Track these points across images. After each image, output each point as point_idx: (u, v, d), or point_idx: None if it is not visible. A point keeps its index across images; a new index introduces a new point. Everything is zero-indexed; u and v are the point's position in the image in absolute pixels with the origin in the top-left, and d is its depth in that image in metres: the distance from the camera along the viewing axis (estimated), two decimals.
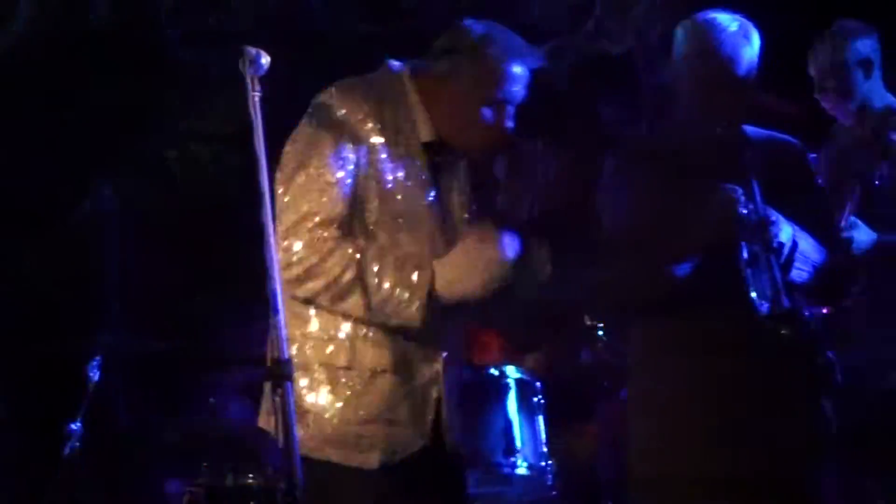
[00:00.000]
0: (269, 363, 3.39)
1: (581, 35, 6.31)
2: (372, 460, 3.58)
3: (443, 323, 3.69)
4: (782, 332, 3.44)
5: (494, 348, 5.52)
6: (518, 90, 3.82)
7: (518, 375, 4.86)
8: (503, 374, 4.82)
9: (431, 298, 3.58)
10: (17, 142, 5.48)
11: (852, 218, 4.93)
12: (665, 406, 3.78)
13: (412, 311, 3.58)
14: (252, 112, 3.37)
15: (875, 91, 5.18)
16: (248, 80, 3.45)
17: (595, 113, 6.26)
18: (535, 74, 5.95)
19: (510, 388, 4.79)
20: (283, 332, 3.38)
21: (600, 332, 5.27)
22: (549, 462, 4.80)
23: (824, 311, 4.37)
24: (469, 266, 3.65)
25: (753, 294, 3.47)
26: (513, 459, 4.70)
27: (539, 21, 6.36)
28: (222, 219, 5.93)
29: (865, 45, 5.18)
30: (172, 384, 5.97)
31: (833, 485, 3.96)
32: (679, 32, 3.88)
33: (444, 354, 3.77)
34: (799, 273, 3.57)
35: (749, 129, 3.82)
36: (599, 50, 6.33)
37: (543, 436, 4.81)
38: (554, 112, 6.33)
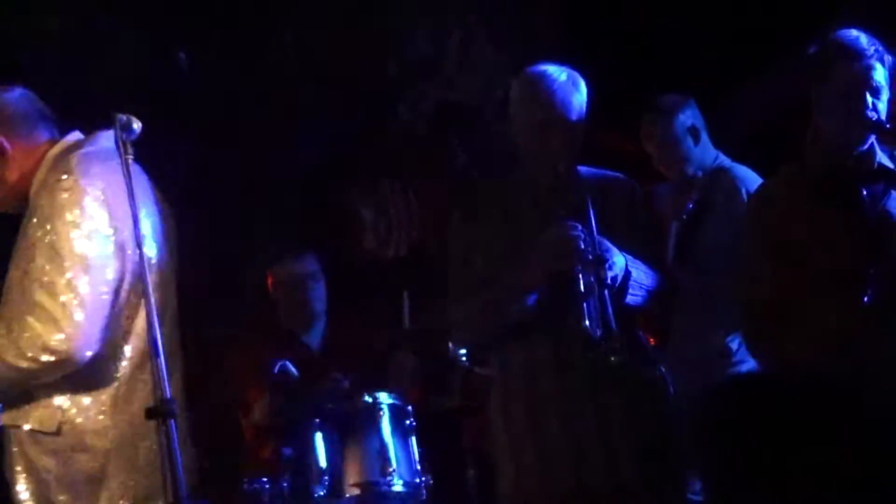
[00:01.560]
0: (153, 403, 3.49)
1: (434, 86, 6.43)
2: None
3: None
4: (613, 357, 3.51)
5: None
6: None
7: (390, 401, 4.83)
8: (376, 401, 4.80)
9: None
10: None
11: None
12: (519, 423, 3.82)
13: None
14: (123, 173, 3.46)
15: (706, 152, 5.29)
16: (121, 144, 3.54)
17: (450, 158, 6.33)
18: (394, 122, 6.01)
19: (383, 414, 4.76)
20: (165, 374, 3.44)
21: (463, 358, 5.29)
22: (424, 478, 4.79)
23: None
24: None
25: (587, 322, 3.53)
26: (389, 478, 4.67)
27: (397, 73, 6.48)
28: None
29: (688, 116, 5.27)
30: None
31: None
32: (514, 84, 3.97)
33: None
34: (633, 297, 3.67)
35: (582, 168, 3.88)
36: (452, 100, 6.43)
37: (416, 455, 4.79)
38: (413, 157, 6.46)
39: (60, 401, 3.61)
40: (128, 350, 3.68)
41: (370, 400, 4.82)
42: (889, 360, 3.41)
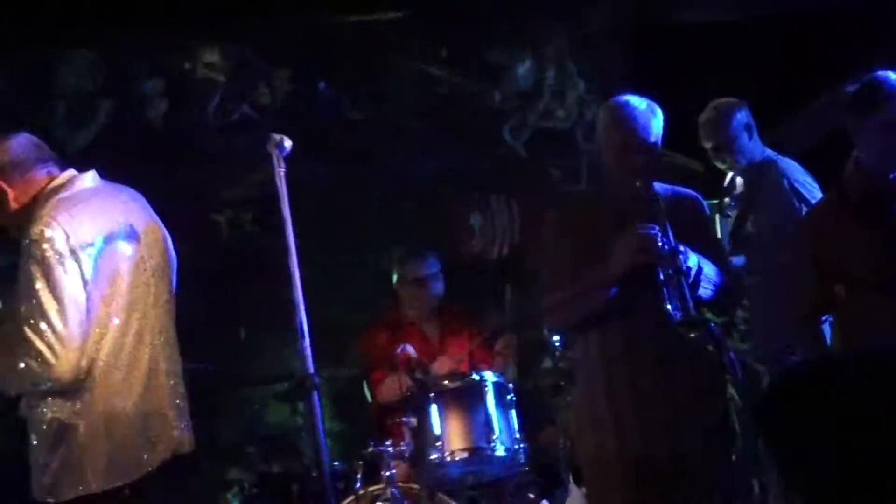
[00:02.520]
0: (299, 378, 3.53)
1: (533, 114, 6.43)
2: None
3: None
4: (692, 335, 3.44)
5: (472, 356, 5.52)
6: None
7: (495, 379, 4.84)
8: (483, 379, 4.81)
9: None
10: None
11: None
12: (598, 399, 3.82)
13: None
14: (279, 184, 3.54)
15: (756, 147, 5.27)
16: (276, 160, 3.61)
17: (545, 175, 6.32)
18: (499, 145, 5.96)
19: (489, 390, 4.76)
20: (309, 352, 3.48)
21: (556, 342, 5.27)
22: (522, 445, 4.78)
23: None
24: None
25: (668, 306, 3.52)
26: (492, 444, 4.68)
27: (502, 103, 6.51)
28: (261, 267, 5.98)
29: (744, 114, 5.26)
30: (222, 396, 6.01)
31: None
32: (601, 111, 3.96)
33: None
34: (704, 290, 3.63)
35: (657, 184, 3.85)
36: (548, 126, 6.44)
37: (516, 425, 4.78)
38: (514, 174, 6.48)
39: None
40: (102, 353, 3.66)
41: (477, 378, 4.84)
42: None
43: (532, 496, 5.35)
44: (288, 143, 3.63)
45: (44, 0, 6.12)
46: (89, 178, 3.81)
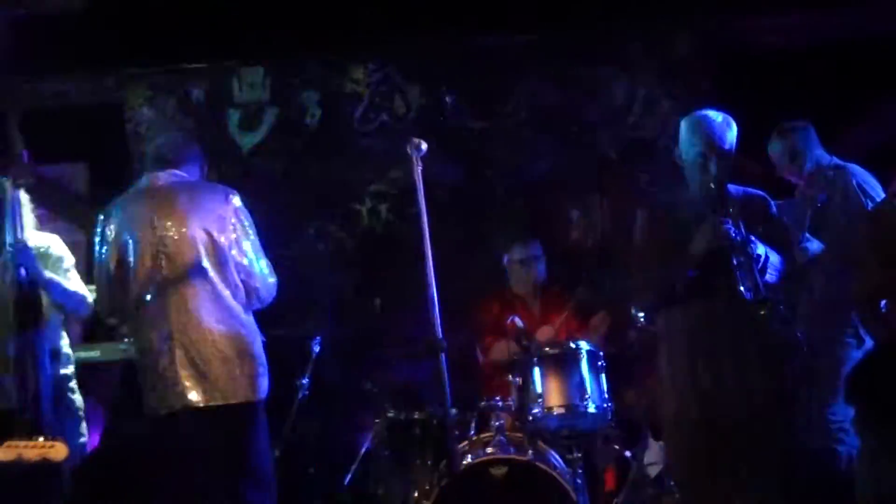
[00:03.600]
0: (427, 342, 3.54)
1: (625, 127, 6.36)
2: None
3: None
4: (762, 311, 3.43)
5: (568, 327, 5.48)
6: None
7: (588, 348, 4.77)
8: (578, 347, 4.75)
9: None
10: None
11: (807, 235, 4.99)
12: (679, 367, 3.80)
13: None
14: (416, 180, 3.54)
15: (822, 156, 5.18)
16: (415, 160, 3.62)
17: (635, 177, 6.26)
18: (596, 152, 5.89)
19: (583, 357, 4.70)
20: (439, 319, 3.47)
21: (641, 317, 5.22)
22: (609, 404, 4.72)
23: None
24: None
25: (741, 287, 3.50)
26: (585, 402, 4.62)
27: (599, 117, 6.46)
28: (398, 253, 6.02)
29: (811, 133, 5.22)
30: (361, 355, 5.98)
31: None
32: (682, 123, 3.92)
33: None
34: (770, 275, 3.58)
35: (731, 186, 3.82)
36: (637, 137, 6.37)
37: (605, 387, 4.73)
38: (609, 177, 6.42)
39: None
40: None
41: (574, 346, 4.79)
42: None
43: (617, 447, 5.32)
44: (424, 146, 3.66)
45: (223, 26, 6.25)
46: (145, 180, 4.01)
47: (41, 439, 3.57)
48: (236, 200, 3.96)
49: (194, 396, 3.72)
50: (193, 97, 6.41)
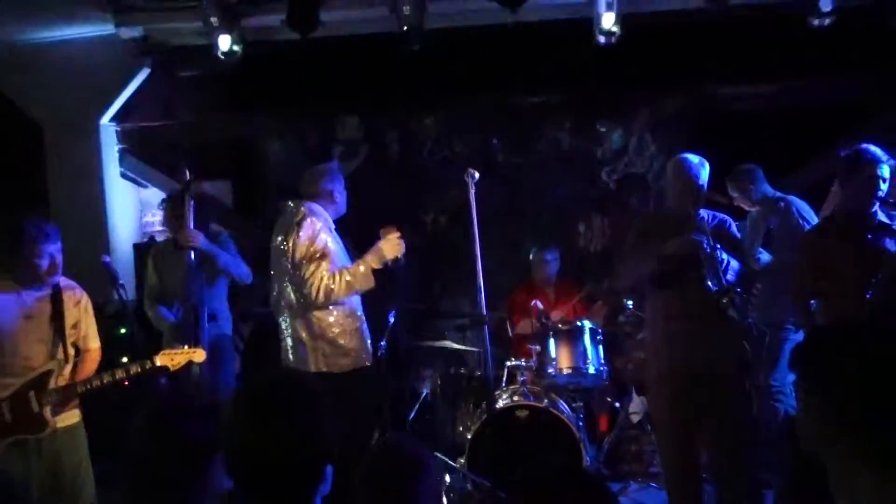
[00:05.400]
0: (473, 317, 3.55)
1: (622, 164, 6.33)
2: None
3: None
4: (723, 301, 3.39)
5: (576, 310, 5.45)
6: None
7: (590, 326, 4.78)
8: (583, 325, 4.75)
9: None
10: None
11: (761, 249, 4.94)
12: (660, 341, 3.76)
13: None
14: (470, 199, 3.54)
15: (767, 191, 5.10)
16: (469, 184, 3.61)
17: (629, 202, 6.20)
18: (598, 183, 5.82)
19: (585, 331, 4.71)
20: (483, 301, 3.46)
21: (629, 304, 5.19)
22: (605, 367, 4.73)
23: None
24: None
25: (708, 283, 3.46)
26: (587, 365, 4.65)
27: (602, 157, 6.41)
28: (452, 251, 6.05)
29: (758, 175, 5.14)
30: (425, 325, 6.04)
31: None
32: (669, 164, 3.88)
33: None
34: (730, 276, 3.54)
35: (703, 210, 3.77)
36: (631, 172, 6.33)
37: (602, 355, 4.74)
38: (608, 201, 6.38)
39: None
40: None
41: (580, 324, 4.79)
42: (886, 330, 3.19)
43: (609, 399, 5.32)
44: (476, 174, 3.65)
45: (332, 86, 6.30)
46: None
47: (185, 347, 3.50)
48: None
49: None
50: (309, 135, 6.49)
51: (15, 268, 3.22)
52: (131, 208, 6.54)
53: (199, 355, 3.52)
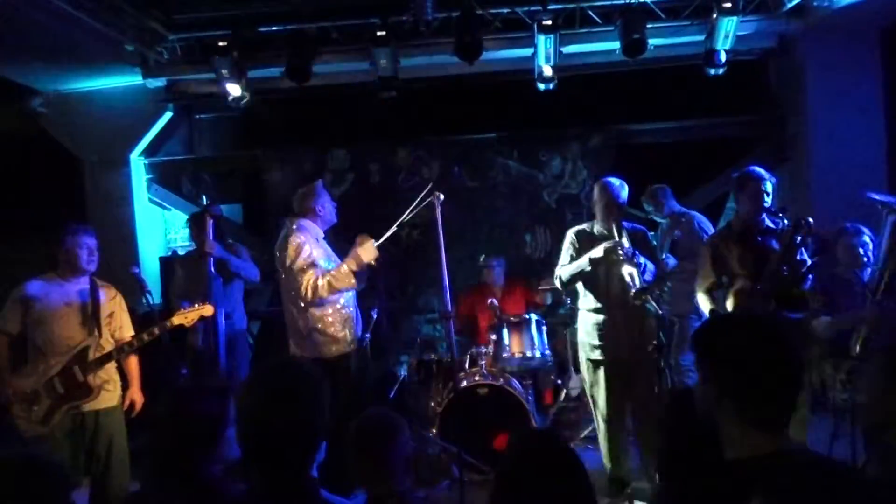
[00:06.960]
0: (441, 313, 3.51)
1: (559, 186, 6.26)
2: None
3: None
4: (642, 297, 3.38)
5: (522, 302, 5.43)
6: None
7: (536, 318, 4.74)
8: (530, 317, 4.70)
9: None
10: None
11: (668, 254, 4.95)
12: (588, 329, 3.76)
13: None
14: (437, 217, 3.51)
15: (675, 207, 5.15)
16: (436, 205, 3.58)
17: (565, 217, 6.19)
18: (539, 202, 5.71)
19: (532, 323, 4.67)
20: (449, 298, 3.43)
21: (568, 300, 5.15)
22: (548, 351, 4.69)
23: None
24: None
25: (629, 281, 3.45)
26: (534, 350, 4.62)
27: (544, 181, 6.38)
28: (423, 259, 5.97)
29: (666, 193, 5.17)
30: (402, 320, 6.03)
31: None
32: (596, 186, 3.87)
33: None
34: (647, 276, 3.54)
35: (624, 222, 3.76)
36: (567, 192, 6.26)
37: (546, 342, 4.70)
38: (550, 216, 6.28)
39: None
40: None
41: (528, 316, 4.75)
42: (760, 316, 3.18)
43: (552, 377, 5.30)
44: (442, 196, 3.64)
45: (324, 126, 6.25)
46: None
47: (196, 305, 3.51)
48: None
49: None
50: (304, 165, 6.40)
51: (59, 265, 3.34)
52: (157, 228, 6.59)
53: (208, 310, 3.51)
